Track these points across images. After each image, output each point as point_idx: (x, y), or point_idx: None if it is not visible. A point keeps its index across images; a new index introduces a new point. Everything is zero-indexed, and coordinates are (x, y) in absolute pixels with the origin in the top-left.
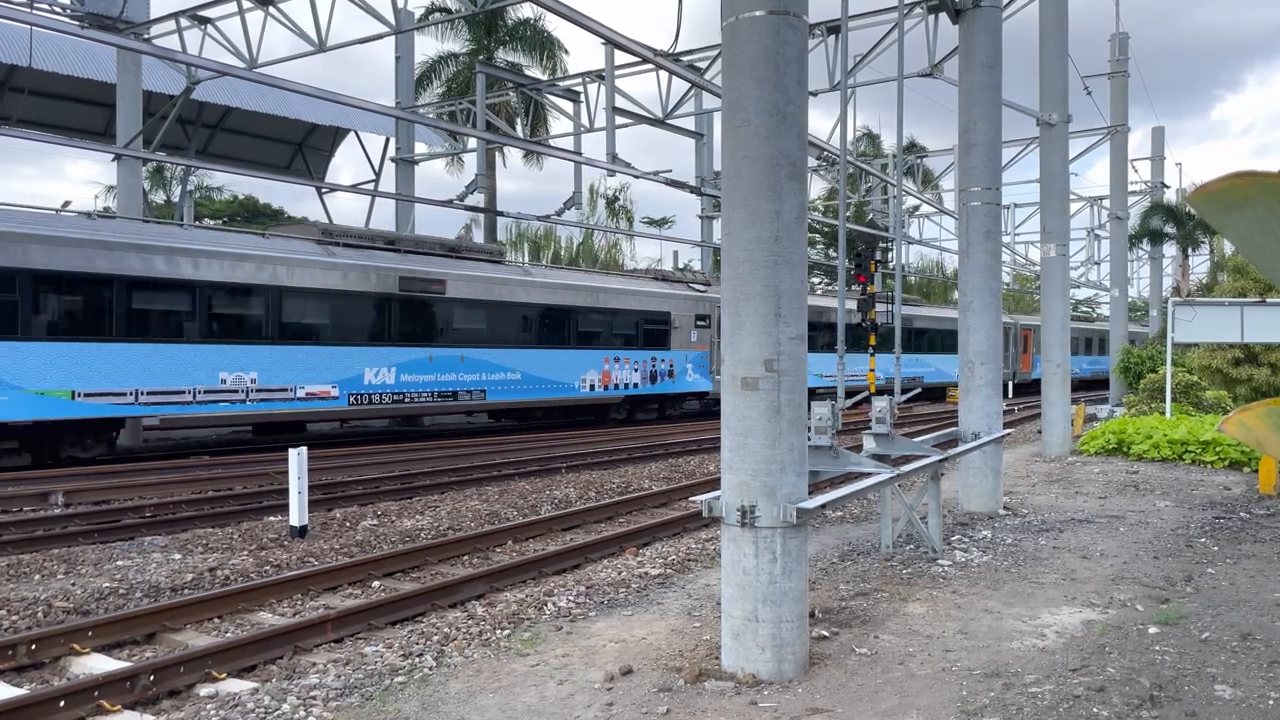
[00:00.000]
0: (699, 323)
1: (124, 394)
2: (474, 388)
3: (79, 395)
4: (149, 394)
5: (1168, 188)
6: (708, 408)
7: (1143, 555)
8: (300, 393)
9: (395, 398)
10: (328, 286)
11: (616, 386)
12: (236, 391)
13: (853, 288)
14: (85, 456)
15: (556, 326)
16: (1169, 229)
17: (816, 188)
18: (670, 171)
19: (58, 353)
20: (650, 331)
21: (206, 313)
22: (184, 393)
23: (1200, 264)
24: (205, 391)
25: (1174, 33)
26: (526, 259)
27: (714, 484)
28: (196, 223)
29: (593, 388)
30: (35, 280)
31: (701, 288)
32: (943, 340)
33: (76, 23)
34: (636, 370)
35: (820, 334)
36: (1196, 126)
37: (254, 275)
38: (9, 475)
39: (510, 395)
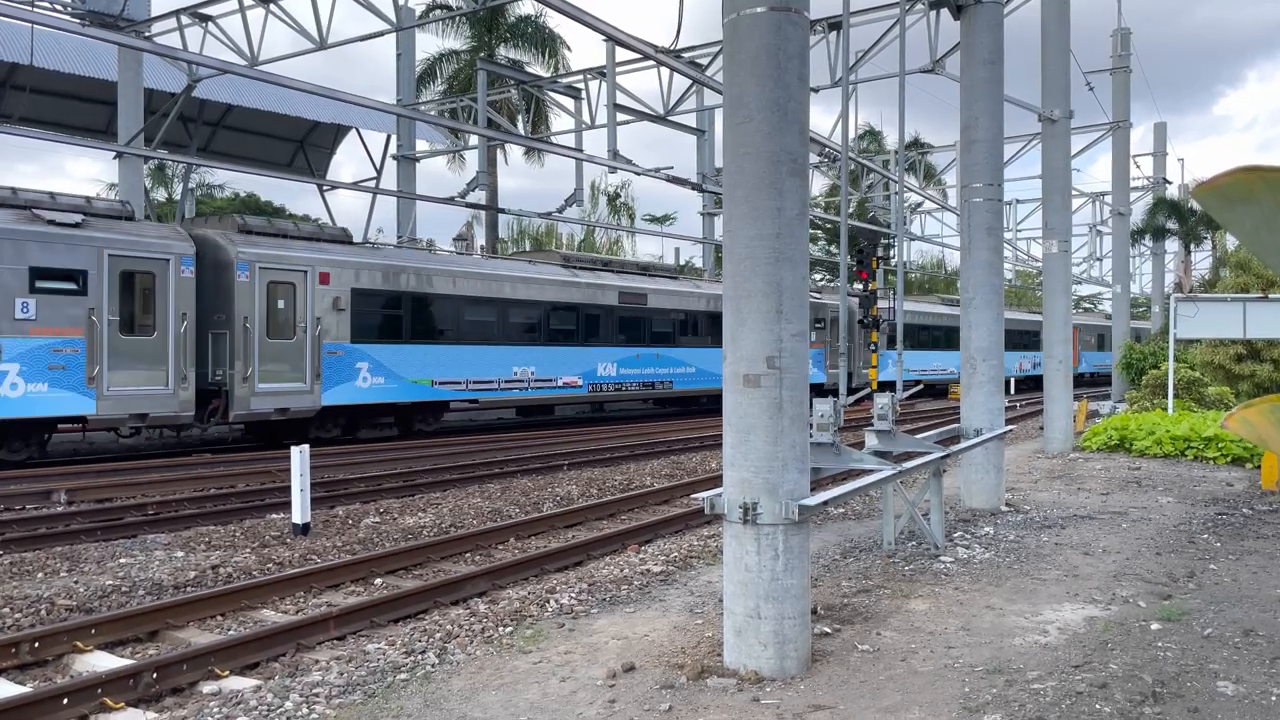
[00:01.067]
0: (816, 325)
1: (459, 382)
2: (664, 379)
3: (435, 383)
4: (473, 383)
5: (1170, 183)
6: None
7: (1145, 551)
8: (559, 382)
9: (616, 387)
10: (575, 300)
11: None
12: (523, 381)
13: (855, 284)
14: (428, 430)
15: (718, 326)
16: (1171, 225)
17: (818, 184)
18: (672, 168)
19: (424, 353)
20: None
21: (505, 322)
22: (492, 382)
23: (1203, 260)
24: (505, 382)
25: (1175, 30)
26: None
27: (716, 481)
28: (494, 254)
29: None
30: (412, 300)
31: (816, 295)
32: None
33: (78, 21)
34: None
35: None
36: (1199, 122)
37: (535, 294)
38: (12, 474)
39: (689, 385)
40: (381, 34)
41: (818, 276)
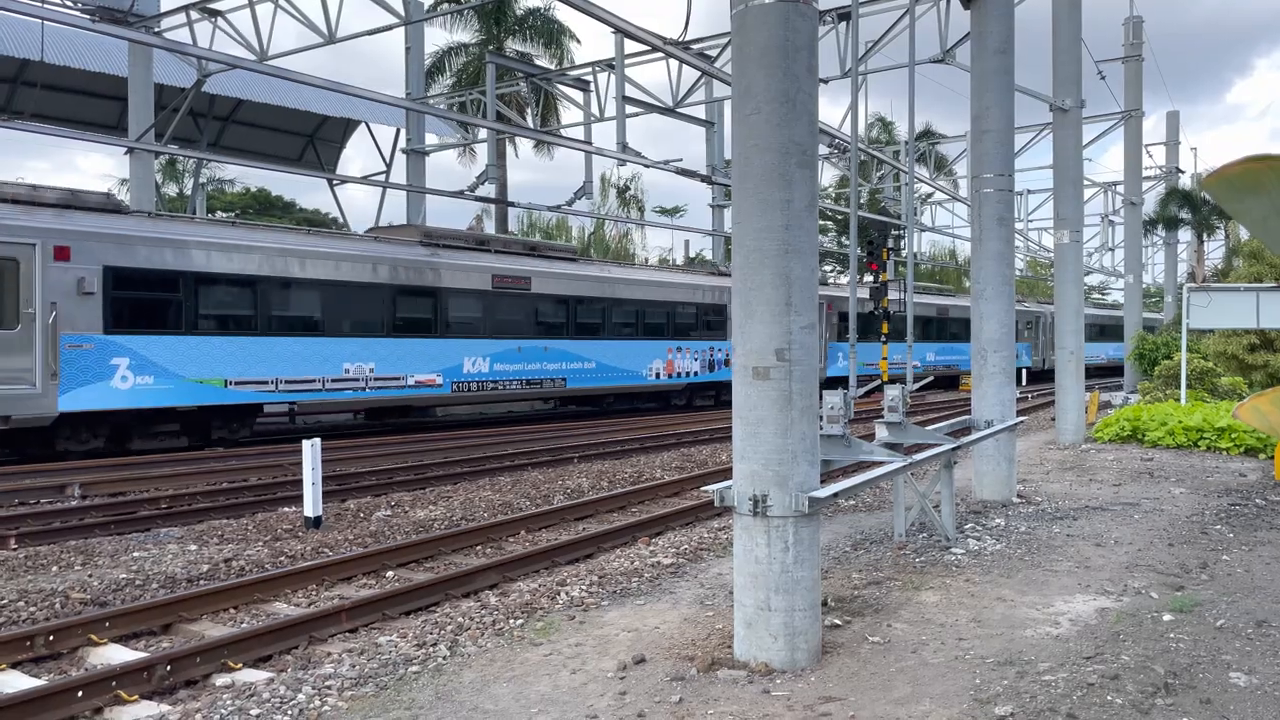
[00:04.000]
0: (1027, 326)
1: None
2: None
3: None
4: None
5: (1183, 173)
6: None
7: (1157, 542)
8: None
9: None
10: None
11: (679, 375)
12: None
13: (865, 276)
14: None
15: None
16: (1184, 214)
17: (828, 175)
18: (681, 160)
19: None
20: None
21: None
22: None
23: (1216, 249)
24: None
25: (1184, 18)
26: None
27: (726, 473)
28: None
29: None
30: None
31: (1021, 302)
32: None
33: (88, 17)
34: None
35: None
36: (1211, 111)
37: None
38: (27, 468)
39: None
40: (390, 28)
41: (827, 268)
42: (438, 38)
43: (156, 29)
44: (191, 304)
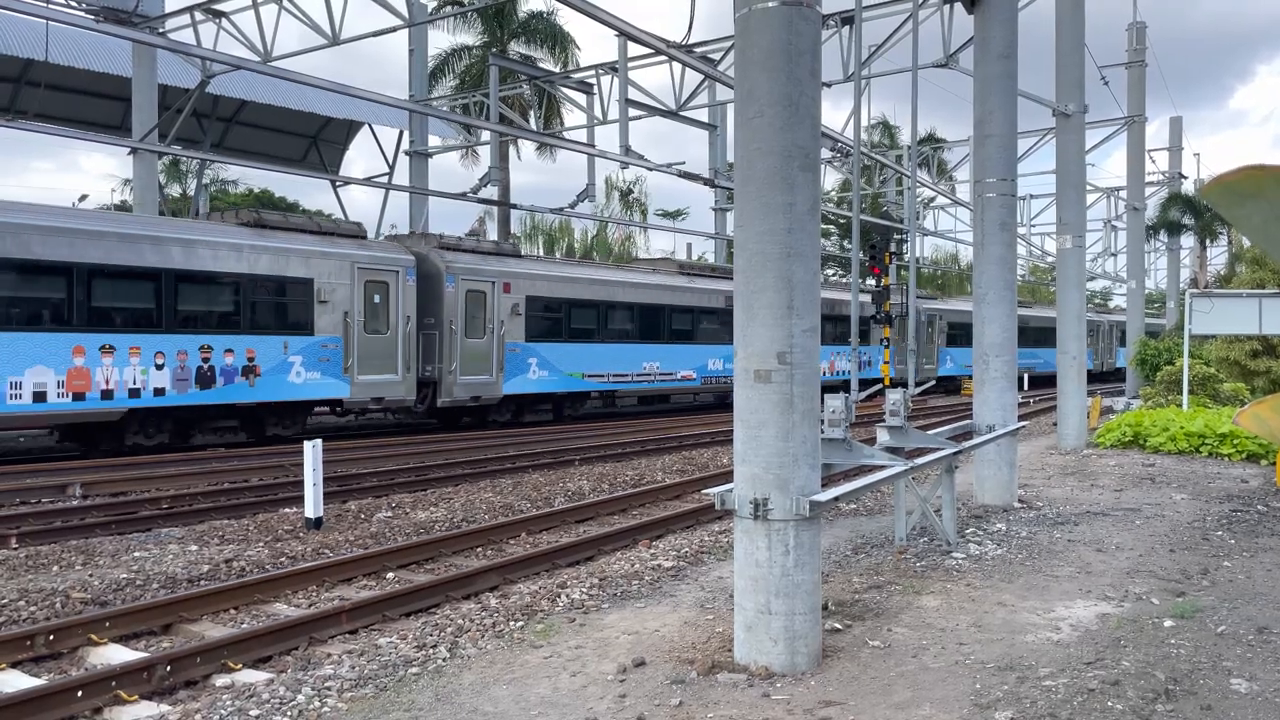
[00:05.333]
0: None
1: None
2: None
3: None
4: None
5: (1185, 178)
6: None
7: (1158, 548)
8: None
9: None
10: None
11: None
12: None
13: (867, 280)
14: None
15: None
16: (1187, 220)
17: (830, 179)
18: (684, 163)
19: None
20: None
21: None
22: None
23: (1218, 255)
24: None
25: (1185, 24)
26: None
27: (727, 476)
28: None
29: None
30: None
31: (1094, 312)
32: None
33: (92, 17)
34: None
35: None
36: (1215, 116)
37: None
38: (28, 467)
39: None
40: (394, 30)
41: (829, 271)
42: (441, 40)
43: (160, 29)
44: (567, 322)
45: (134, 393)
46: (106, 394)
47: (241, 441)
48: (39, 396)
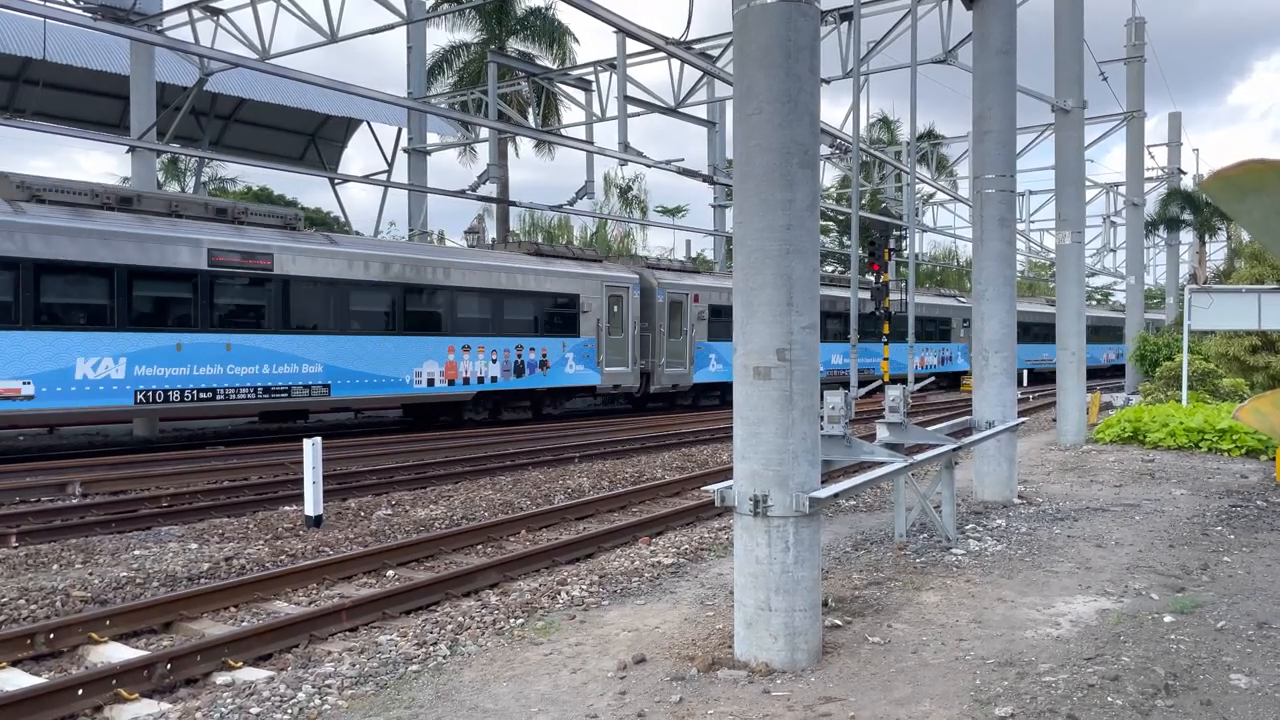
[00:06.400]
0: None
1: None
2: None
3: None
4: None
5: (1184, 174)
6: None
7: (1158, 544)
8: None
9: None
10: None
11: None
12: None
13: (867, 276)
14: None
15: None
16: (1186, 216)
17: (829, 176)
18: (682, 160)
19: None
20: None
21: None
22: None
23: (1217, 251)
24: None
25: (1183, 20)
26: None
27: (727, 473)
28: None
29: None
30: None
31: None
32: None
33: (90, 15)
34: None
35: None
36: (1214, 112)
37: None
38: (28, 465)
39: None
40: (392, 27)
41: (828, 268)
42: (439, 37)
43: (159, 27)
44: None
45: (480, 380)
46: (465, 380)
47: (248, 438)
48: (430, 382)
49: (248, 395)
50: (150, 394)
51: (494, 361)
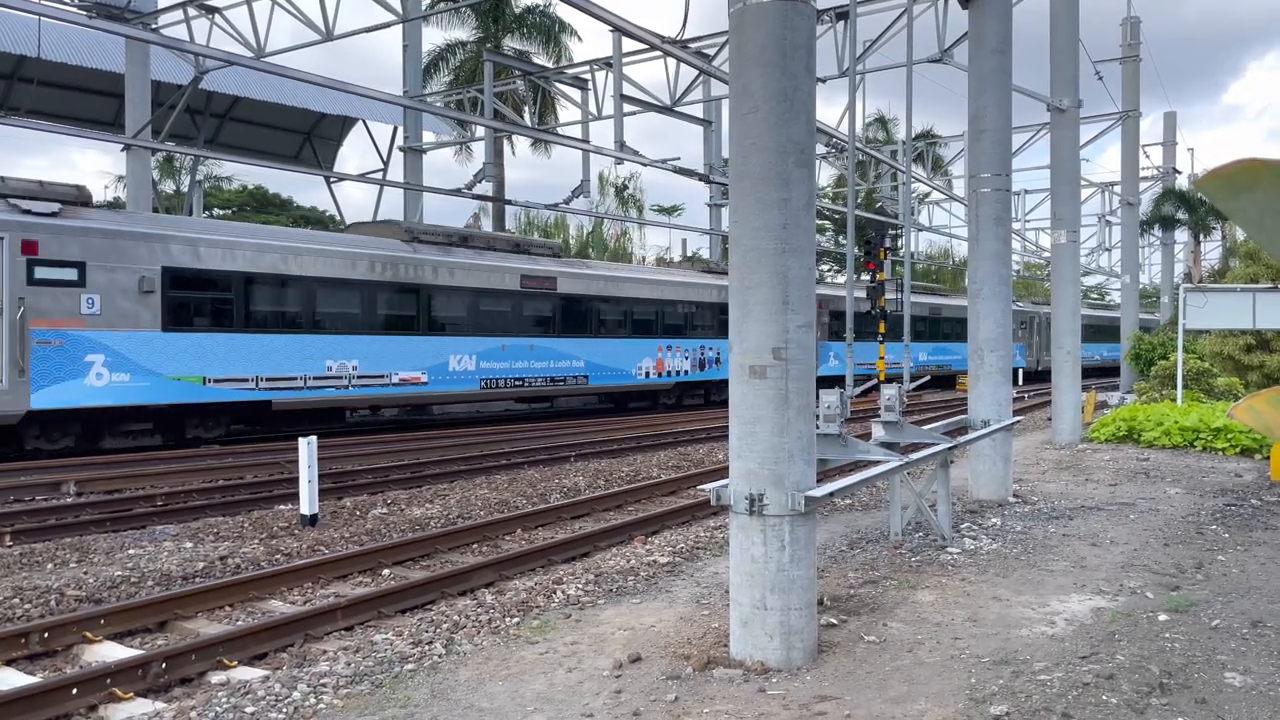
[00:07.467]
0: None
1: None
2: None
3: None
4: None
5: (1180, 173)
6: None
7: (1153, 542)
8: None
9: None
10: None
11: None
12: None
13: (863, 275)
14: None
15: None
16: (1181, 215)
17: (825, 175)
18: (678, 159)
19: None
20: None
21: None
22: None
23: (1212, 250)
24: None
25: (1177, 20)
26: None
27: (722, 472)
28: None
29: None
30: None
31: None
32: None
33: (84, 13)
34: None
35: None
36: (1209, 111)
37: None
38: (22, 465)
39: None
40: (388, 25)
41: (824, 267)
42: (435, 35)
43: (153, 25)
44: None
45: (676, 373)
46: (667, 373)
47: (242, 438)
48: (646, 374)
49: (543, 384)
50: (489, 381)
51: (685, 359)
